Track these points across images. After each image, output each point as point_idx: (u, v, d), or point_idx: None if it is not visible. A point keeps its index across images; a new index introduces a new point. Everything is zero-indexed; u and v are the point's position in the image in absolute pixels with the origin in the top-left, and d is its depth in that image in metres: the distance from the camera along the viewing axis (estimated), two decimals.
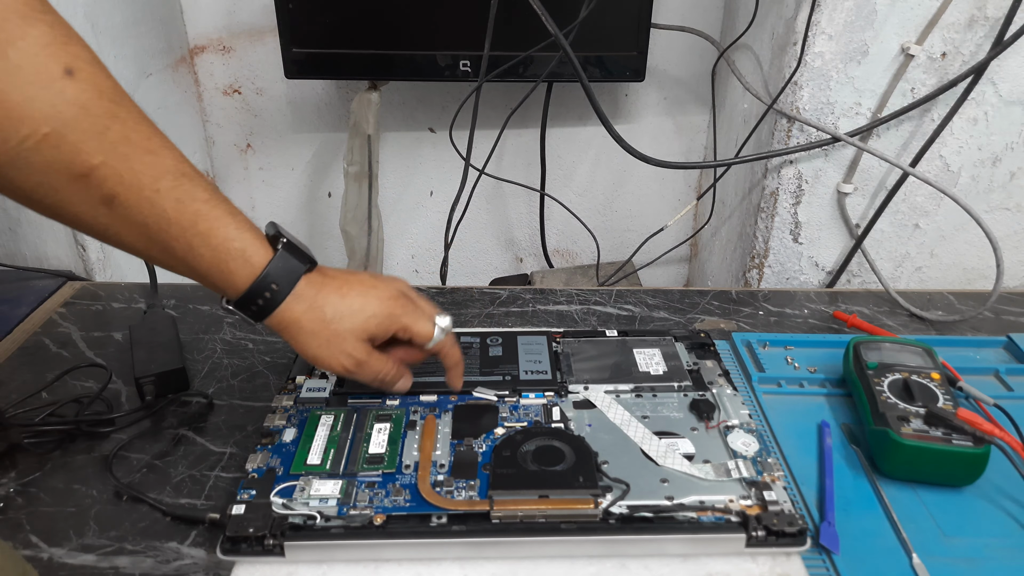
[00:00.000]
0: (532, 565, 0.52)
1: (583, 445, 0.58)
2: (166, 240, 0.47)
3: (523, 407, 0.63)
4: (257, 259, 0.50)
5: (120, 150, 0.44)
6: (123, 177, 0.44)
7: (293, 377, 0.66)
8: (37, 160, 0.42)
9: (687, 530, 0.52)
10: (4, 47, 0.40)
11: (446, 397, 0.64)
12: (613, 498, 0.53)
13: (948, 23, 0.82)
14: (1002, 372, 0.74)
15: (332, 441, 0.59)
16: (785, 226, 0.96)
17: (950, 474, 0.60)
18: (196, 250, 0.48)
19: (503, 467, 0.56)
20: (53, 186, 0.43)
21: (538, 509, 0.52)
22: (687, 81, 1.20)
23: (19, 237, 0.92)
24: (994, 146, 0.89)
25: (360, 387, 0.62)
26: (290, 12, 0.98)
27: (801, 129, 0.89)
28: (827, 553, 0.54)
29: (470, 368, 0.67)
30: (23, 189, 0.43)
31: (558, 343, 0.72)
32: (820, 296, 0.89)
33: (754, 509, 0.53)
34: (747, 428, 0.61)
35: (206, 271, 0.49)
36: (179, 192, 0.47)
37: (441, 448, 0.58)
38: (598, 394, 0.65)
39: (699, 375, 0.68)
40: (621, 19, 1.00)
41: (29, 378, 0.71)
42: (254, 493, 0.54)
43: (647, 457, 0.58)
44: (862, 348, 0.69)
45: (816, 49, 0.84)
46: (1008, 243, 0.96)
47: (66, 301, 0.84)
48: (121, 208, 0.45)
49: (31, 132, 0.41)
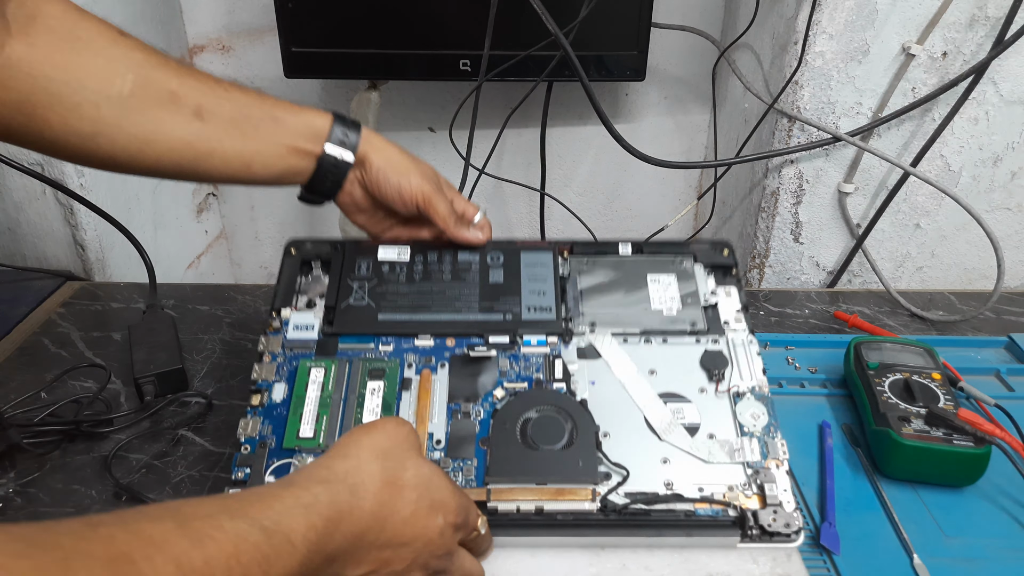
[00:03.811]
0: (532, 559, 0.52)
1: (585, 418, 0.55)
2: (254, 124, 0.56)
3: (524, 359, 0.60)
4: (323, 112, 0.60)
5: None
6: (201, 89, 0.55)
7: (278, 308, 0.62)
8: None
9: (682, 526, 0.52)
10: None
11: (442, 342, 0.61)
12: (611, 487, 0.52)
13: (949, 23, 0.82)
14: (1003, 372, 0.73)
15: (324, 406, 0.56)
16: (786, 226, 0.96)
17: (951, 474, 0.60)
18: (280, 119, 0.57)
19: (501, 446, 0.54)
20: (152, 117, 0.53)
21: (535, 500, 0.52)
22: (688, 80, 1.20)
23: (18, 237, 0.92)
24: (995, 146, 0.89)
25: (351, 327, 0.61)
26: (290, 11, 0.98)
27: (802, 129, 0.89)
28: (828, 553, 0.54)
29: (468, 302, 0.63)
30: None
31: (565, 260, 0.66)
32: (821, 296, 0.89)
33: (753, 500, 0.52)
34: (758, 394, 0.57)
35: (290, 132, 0.57)
36: (243, 91, 0.57)
37: (437, 416, 0.56)
38: (604, 339, 0.61)
39: (715, 313, 0.62)
40: (621, 18, 0.99)
41: (28, 378, 0.71)
42: (248, 472, 0.53)
43: (650, 428, 0.56)
44: (863, 348, 0.69)
45: (817, 48, 0.84)
46: (1009, 243, 0.96)
47: (65, 301, 0.84)
48: (208, 115, 0.54)
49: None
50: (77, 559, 0.27)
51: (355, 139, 0.60)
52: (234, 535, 0.32)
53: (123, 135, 0.52)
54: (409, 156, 0.62)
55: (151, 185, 1.04)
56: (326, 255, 0.66)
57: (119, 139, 0.52)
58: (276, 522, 0.35)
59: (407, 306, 0.62)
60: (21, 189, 0.89)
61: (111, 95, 0.51)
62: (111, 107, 0.51)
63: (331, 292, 0.63)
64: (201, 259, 1.22)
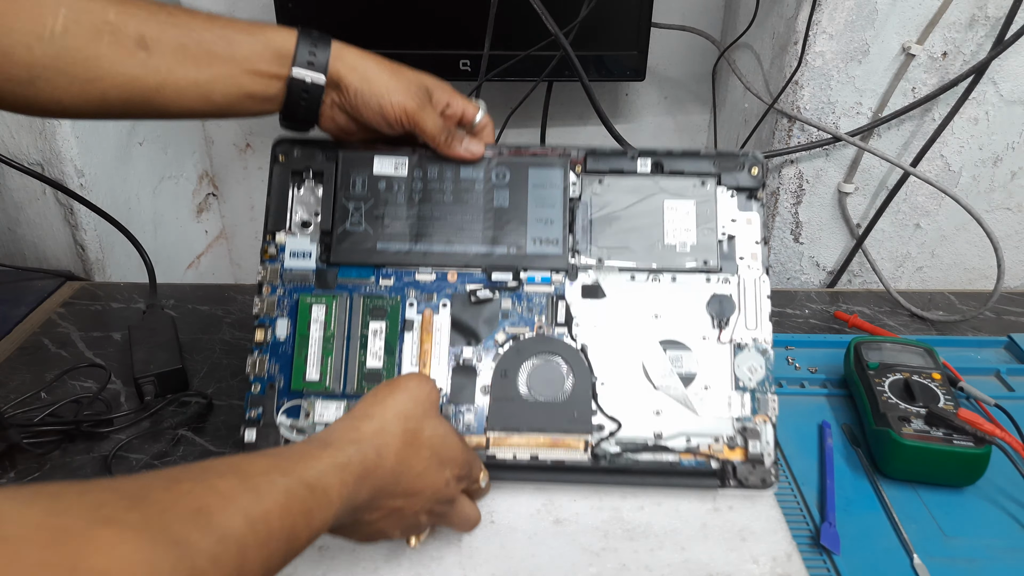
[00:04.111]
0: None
1: (583, 367, 0.57)
2: (206, 48, 0.51)
3: (527, 298, 0.58)
4: (286, 29, 0.55)
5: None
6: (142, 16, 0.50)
7: (272, 231, 0.60)
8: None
9: (666, 473, 0.56)
10: None
11: (444, 276, 0.59)
12: (603, 436, 0.56)
13: (949, 22, 0.82)
14: (1003, 372, 0.73)
15: (328, 347, 0.58)
16: (786, 226, 0.96)
17: (951, 474, 0.60)
18: (236, 41, 0.52)
19: (501, 396, 0.56)
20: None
21: (531, 448, 0.56)
22: (687, 80, 1.20)
23: (18, 237, 0.92)
24: (995, 146, 0.89)
25: (349, 256, 0.59)
26: (290, 11, 0.98)
27: (802, 129, 0.89)
28: (828, 554, 0.54)
29: (471, 232, 0.60)
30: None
31: (577, 176, 0.61)
32: (821, 296, 0.89)
33: (736, 453, 0.56)
34: (759, 347, 0.57)
35: (248, 54, 0.52)
36: (191, 13, 0.52)
37: (439, 360, 0.57)
38: (611, 275, 0.59)
39: (732, 248, 0.59)
40: (621, 18, 0.99)
41: (28, 378, 0.71)
42: (261, 411, 0.56)
43: (647, 377, 0.57)
44: (863, 348, 0.69)
45: (817, 48, 0.84)
46: (1009, 243, 0.96)
47: (65, 301, 0.84)
48: (153, 43, 0.50)
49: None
50: (170, 512, 0.31)
51: (324, 57, 0.54)
52: (285, 490, 0.37)
53: (62, 77, 0.48)
54: (389, 68, 0.56)
55: (151, 185, 1.04)
56: (318, 166, 0.61)
57: (59, 82, 0.48)
58: (317, 479, 0.39)
59: (406, 234, 0.60)
60: (21, 189, 0.89)
61: (43, 35, 0.47)
62: (45, 48, 0.47)
63: (326, 214, 0.60)
64: (201, 259, 1.22)
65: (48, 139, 0.84)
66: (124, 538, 0.29)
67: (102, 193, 0.91)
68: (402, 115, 0.55)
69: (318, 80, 0.54)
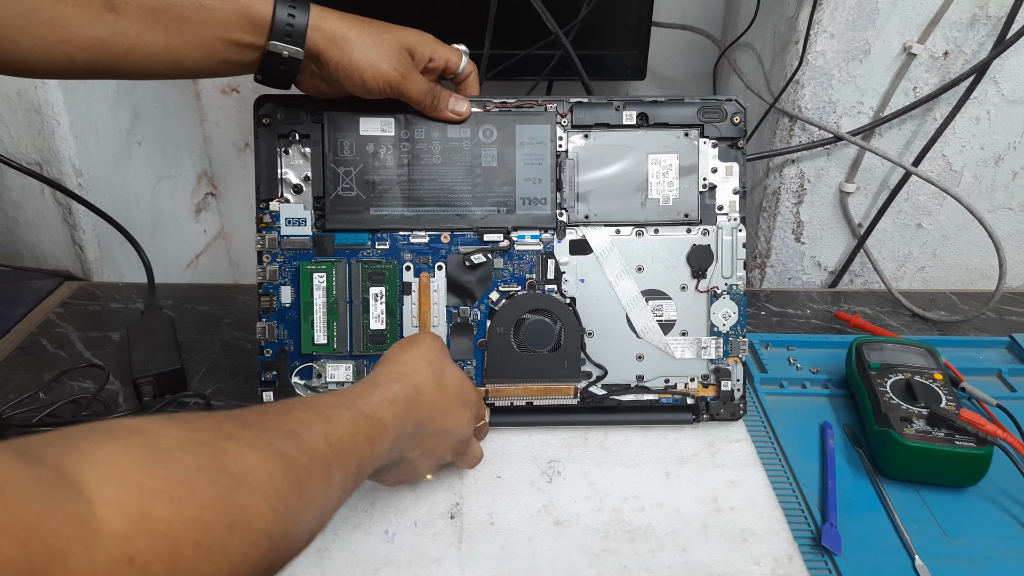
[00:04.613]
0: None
1: (572, 320, 0.62)
2: (177, 13, 0.50)
3: (518, 257, 0.62)
4: None
5: None
6: None
7: (265, 200, 0.61)
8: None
9: (646, 410, 0.64)
10: None
11: (437, 238, 0.62)
12: (590, 381, 0.63)
13: (950, 22, 0.82)
14: (1005, 372, 0.73)
15: (332, 312, 0.61)
16: (787, 225, 0.95)
17: (953, 475, 0.60)
18: (208, 7, 0.51)
19: (497, 350, 0.62)
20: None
21: (526, 396, 0.63)
22: (688, 80, 1.19)
23: (17, 237, 0.92)
24: (996, 145, 0.89)
25: (343, 222, 0.61)
26: None
27: (803, 128, 0.89)
28: (829, 554, 0.54)
29: (461, 194, 0.61)
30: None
31: (565, 128, 0.62)
32: (822, 296, 0.89)
33: (709, 391, 0.63)
34: (734, 293, 0.63)
35: (222, 22, 0.51)
36: None
37: (438, 319, 0.62)
38: (598, 232, 0.62)
39: (712, 197, 0.62)
40: (622, 17, 0.99)
41: (26, 378, 0.70)
42: (275, 374, 0.61)
43: (630, 326, 0.63)
44: (865, 348, 0.68)
45: (818, 48, 0.84)
46: (1011, 243, 0.95)
47: (63, 301, 0.84)
48: (122, 6, 0.49)
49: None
50: (271, 431, 0.37)
51: (303, 24, 0.53)
52: (351, 420, 0.43)
53: (27, 38, 0.47)
54: (371, 34, 0.55)
55: (150, 184, 1.04)
56: (304, 129, 0.61)
57: (23, 43, 0.47)
58: (374, 410, 0.45)
59: (398, 198, 0.61)
60: (19, 189, 0.88)
61: None
62: (9, 7, 0.46)
63: (317, 179, 0.61)
64: (200, 259, 1.22)
65: (46, 139, 0.84)
66: (244, 450, 0.34)
67: (100, 193, 0.91)
68: (385, 87, 0.56)
69: (296, 55, 0.54)
